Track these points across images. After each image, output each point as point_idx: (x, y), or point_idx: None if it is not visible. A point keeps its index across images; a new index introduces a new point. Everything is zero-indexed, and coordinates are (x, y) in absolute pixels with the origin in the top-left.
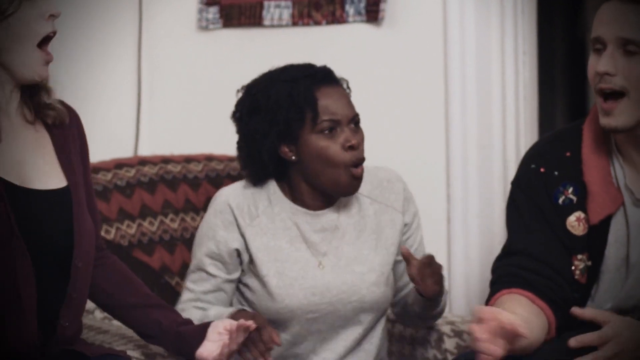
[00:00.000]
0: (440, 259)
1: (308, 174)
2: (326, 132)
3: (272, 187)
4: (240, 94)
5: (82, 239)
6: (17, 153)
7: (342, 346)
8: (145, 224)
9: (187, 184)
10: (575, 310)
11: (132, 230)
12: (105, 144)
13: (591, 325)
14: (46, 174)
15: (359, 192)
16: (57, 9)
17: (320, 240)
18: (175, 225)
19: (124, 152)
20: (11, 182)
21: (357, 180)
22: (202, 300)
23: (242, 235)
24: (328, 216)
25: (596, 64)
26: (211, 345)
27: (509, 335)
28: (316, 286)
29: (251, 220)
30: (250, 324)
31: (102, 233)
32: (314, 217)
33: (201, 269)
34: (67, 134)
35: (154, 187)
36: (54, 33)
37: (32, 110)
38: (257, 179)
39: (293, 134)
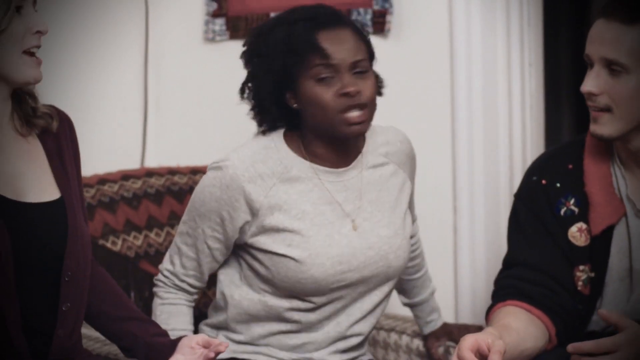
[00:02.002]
0: (447, 269)
1: (309, 123)
2: (322, 77)
3: (284, 150)
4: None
5: (74, 250)
6: (10, 167)
7: (358, 312)
8: (152, 235)
9: None
10: (603, 312)
11: (139, 242)
12: (112, 155)
13: (597, 337)
14: (40, 186)
15: (378, 152)
16: (45, 26)
17: (344, 201)
18: None
19: (131, 163)
20: (6, 196)
21: (354, 125)
22: (179, 277)
23: (255, 214)
24: (350, 174)
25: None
26: (181, 358)
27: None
28: (343, 254)
29: (266, 192)
30: (223, 347)
31: (109, 244)
32: (336, 175)
33: (195, 239)
34: (60, 140)
35: (161, 199)
36: (38, 47)
37: (23, 121)
38: (266, 127)
39: (292, 80)
